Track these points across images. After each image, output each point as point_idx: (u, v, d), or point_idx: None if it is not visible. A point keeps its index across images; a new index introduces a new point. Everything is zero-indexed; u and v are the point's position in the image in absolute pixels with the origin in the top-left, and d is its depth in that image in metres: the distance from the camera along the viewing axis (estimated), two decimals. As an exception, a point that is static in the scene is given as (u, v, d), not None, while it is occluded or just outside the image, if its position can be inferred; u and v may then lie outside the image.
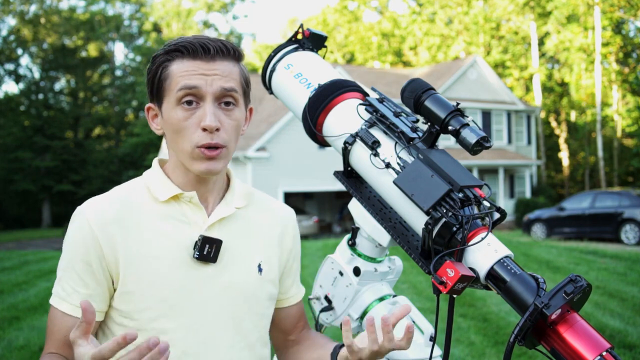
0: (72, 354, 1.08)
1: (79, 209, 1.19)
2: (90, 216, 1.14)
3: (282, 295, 1.39)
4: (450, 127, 1.23)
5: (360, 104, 1.44)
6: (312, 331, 1.47)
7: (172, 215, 1.19)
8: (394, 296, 1.54)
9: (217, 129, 1.14)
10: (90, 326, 0.91)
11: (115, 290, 1.15)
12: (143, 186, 1.22)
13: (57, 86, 39.04)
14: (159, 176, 1.23)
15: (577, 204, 16.56)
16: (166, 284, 1.14)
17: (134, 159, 35.36)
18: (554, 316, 1.08)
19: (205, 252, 1.16)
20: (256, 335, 1.26)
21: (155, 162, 1.28)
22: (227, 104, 1.17)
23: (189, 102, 1.14)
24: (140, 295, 1.13)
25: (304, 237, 14.78)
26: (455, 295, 1.14)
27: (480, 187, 1.22)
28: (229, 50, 1.18)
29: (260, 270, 1.26)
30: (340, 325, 1.55)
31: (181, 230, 1.18)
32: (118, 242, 1.13)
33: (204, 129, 1.13)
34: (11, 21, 37.52)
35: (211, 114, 1.13)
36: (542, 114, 31.23)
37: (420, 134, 1.32)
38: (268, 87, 1.60)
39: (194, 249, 1.16)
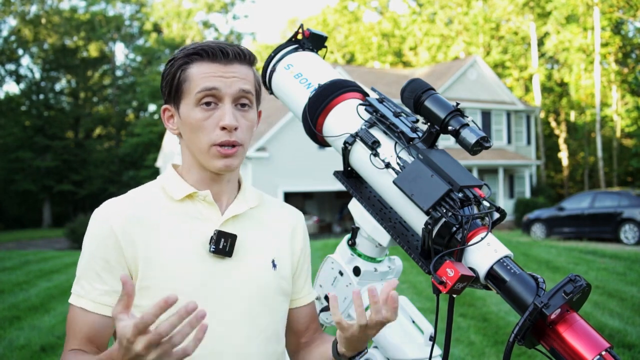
0: (94, 350, 1.17)
1: (98, 209, 1.22)
2: (110, 216, 1.19)
3: (294, 295, 1.39)
4: (450, 127, 1.23)
5: (360, 104, 1.44)
6: (324, 333, 1.47)
7: (188, 213, 1.24)
8: (394, 296, 1.54)
9: (236, 128, 1.20)
10: (131, 299, 0.93)
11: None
12: (159, 187, 1.27)
13: (58, 86, 39.03)
14: (173, 177, 1.28)
15: (577, 204, 16.55)
16: (184, 279, 1.18)
17: (134, 159, 35.33)
18: (553, 316, 1.08)
19: (221, 246, 1.21)
20: (272, 330, 1.28)
21: (169, 165, 1.33)
22: (243, 105, 1.23)
23: (208, 103, 1.19)
24: (159, 290, 1.16)
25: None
26: (455, 295, 1.14)
27: (480, 187, 1.23)
28: (245, 55, 1.24)
29: (274, 266, 1.30)
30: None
31: (196, 227, 1.22)
32: (137, 240, 1.18)
33: (223, 128, 1.18)
34: (12, 21, 37.54)
35: (230, 114, 1.19)
36: (542, 114, 31.21)
37: (420, 134, 1.32)
38: (268, 87, 1.61)
39: (209, 243, 1.20)
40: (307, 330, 1.42)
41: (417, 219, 1.28)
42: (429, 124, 1.29)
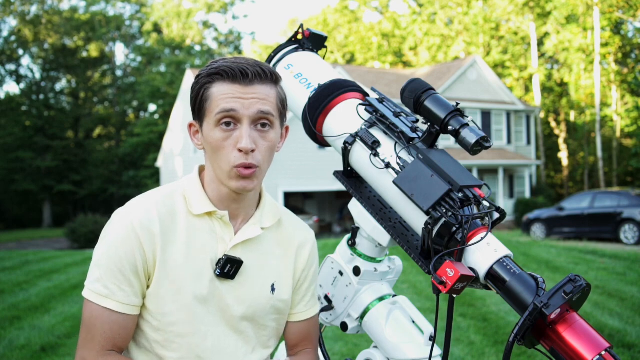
0: (115, 348, 1.20)
1: (123, 212, 1.24)
2: (135, 220, 1.21)
3: (289, 311, 1.43)
4: (450, 127, 1.23)
5: (360, 104, 1.44)
6: (308, 352, 1.46)
7: (203, 229, 1.27)
8: (394, 296, 1.54)
9: (253, 150, 1.20)
10: None
11: (148, 287, 1.23)
12: (181, 195, 1.29)
13: (58, 86, 39.04)
14: (197, 188, 1.29)
15: (577, 204, 16.55)
16: (190, 292, 1.23)
17: (134, 159, 35.33)
18: (553, 316, 1.08)
19: (226, 271, 1.25)
20: (256, 342, 1.34)
21: (195, 169, 1.34)
22: (263, 125, 1.23)
23: (227, 124, 1.20)
24: (168, 299, 1.22)
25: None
26: (455, 295, 1.14)
27: (479, 187, 1.23)
28: (266, 75, 1.23)
29: (273, 290, 1.34)
30: (340, 325, 1.56)
31: (210, 245, 1.27)
32: (157, 246, 1.21)
33: (240, 150, 1.19)
34: (12, 22, 37.56)
35: (247, 136, 1.19)
36: (542, 114, 31.22)
37: (420, 134, 1.32)
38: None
39: (216, 265, 1.25)
40: (297, 346, 1.46)
41: (417, 219, 1.28)
42: (429, 124, 1.28)
